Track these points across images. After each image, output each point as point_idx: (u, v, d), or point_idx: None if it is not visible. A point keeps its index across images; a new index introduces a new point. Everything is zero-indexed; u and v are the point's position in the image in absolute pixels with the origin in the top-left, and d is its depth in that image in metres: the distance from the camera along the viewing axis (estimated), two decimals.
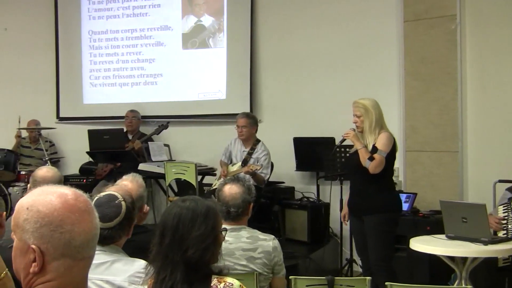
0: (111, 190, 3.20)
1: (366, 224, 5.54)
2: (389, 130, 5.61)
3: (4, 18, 9.74)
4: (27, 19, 9.73)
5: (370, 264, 5.53)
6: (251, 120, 7.65)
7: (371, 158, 5.42)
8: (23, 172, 8.66)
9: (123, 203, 3.08)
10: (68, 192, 1.77)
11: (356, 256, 6.49)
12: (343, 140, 5.85)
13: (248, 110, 8.39)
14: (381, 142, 5.47)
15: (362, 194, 5.61)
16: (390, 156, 5.54)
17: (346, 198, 5.96)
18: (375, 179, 5.49)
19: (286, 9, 8.69)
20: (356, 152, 5.58)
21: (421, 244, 5.05)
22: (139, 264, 2.99)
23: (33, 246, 1.68)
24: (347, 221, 5.93)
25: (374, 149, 5.46)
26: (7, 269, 2.19)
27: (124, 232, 3.10)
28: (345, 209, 5.89)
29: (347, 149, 6.57)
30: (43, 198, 1.74)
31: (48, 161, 8.23)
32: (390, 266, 5.47)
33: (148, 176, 7.43)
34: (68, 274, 1.72)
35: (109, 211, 3.03)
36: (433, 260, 5.62)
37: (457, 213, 5.04)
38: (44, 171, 4.73)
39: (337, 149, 6.88)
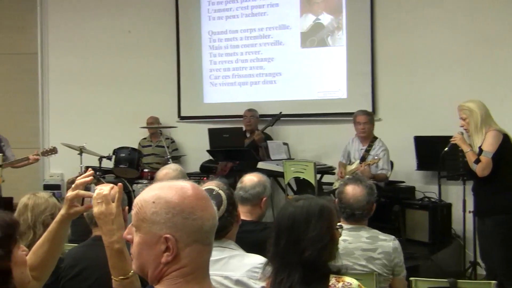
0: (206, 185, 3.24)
1: (486, 226, 5.42)
2: (500, 128, 5.43)
3: (127, 21, 10.09)
4: (149, 22, 10.04)
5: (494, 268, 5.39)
6: (370, 117, 7.75)
7: (477, 161, 5.30)
8: (146, 170, 8.96)
9: (220, 192, 3.13)
10: (186, 183, 1.88)
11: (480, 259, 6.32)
12: (451, 145, 5.76)
13: (369, 109, 8.38)
14: (487, 142, 5.37)
15: (479, 196, 5.52)
16: (505, 154, 5.36)
17: None
18: (488, 180, 5.40)
19: (406, 4, 8.62)
20: None
21: None
22: (256, 259, 3.06)
23: (168, 236, 1.77)
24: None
25: (481, 151, 5.33)
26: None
27: (234, 218, 3.16)
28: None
29: None
30: (166, 190, 1.84)
31: (170, 159, 8.44)
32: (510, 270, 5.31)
33: (267, 175, 7.51)
34: (199, 259, 1.84)
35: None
36: None
37: None
38: (164, 172, 4.83)
39: (454, 153, 6.71)
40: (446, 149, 6.16)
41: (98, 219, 2.40)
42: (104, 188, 2.42)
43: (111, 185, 2.47)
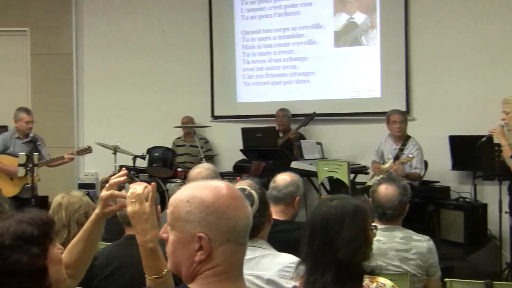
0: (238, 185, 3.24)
1: None
2: None
3: (161, 20, 10.14)
4: (183, 21, 10.07)
5: None
6: (405, 116, 7.77)
7: None
8: (179, 169, 9.00)
9: (252, 191, 3.13)
10: (221, 183, 1.91)
11: None
12: (490, 136, 5.67)
13: (404, 108, 8.36)
14: None
15: None
16: None
17: None
18: None
19: (441, 2, 8.54)
20: None
21: None
22: (287, 258, 3.06)
23: (201, 234, 1.80)
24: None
25: None
26: (167, 268, 2.30)
27: (266, 218, 3.16)
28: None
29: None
30: (201, 190, 1.87)
31: (203, 158, 8.47)
32: None
33: (301, 174, 7.50)
34: (232, 258, 1.86)
35: None
36: None
37: None
38: (197, 171, 4.85)
39: (493, 147, 6.64)
40: (484, 139, 6.07)
41: (132, 218, 2.42)
42: (137, 188, 2.44)
43: (145, 184, 2.49)
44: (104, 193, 2.51)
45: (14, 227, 1.99)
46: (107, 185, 2.53)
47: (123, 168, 2.70)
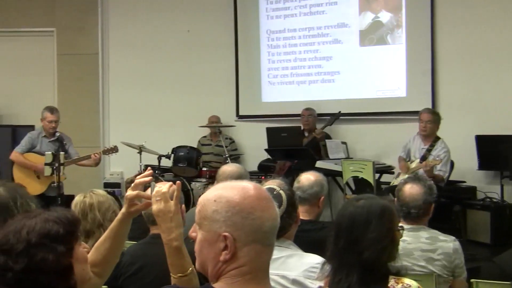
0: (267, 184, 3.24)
1: None
2: None
3: (186, 20, 10.17)
4: (208, 21, 10.09)
5: None
6: (435, 116, 7.61)
7: None
8: (204, 169, 9.02)
9: (281, 192, 3.13)
10: (249, 184, 1.92)
11: None
12: None
13: (430, 108, 8.22)
14: None
15: None
16: None
17: None
18: None
19: (468, 0, 8.43)
20: None
21: None
22: (313, 259, 3.05)
23: (226, 234, 1.82)
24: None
25: None
26: (193, 265, 2.31)
27: (293, 219, 3.16)
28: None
29: None
30: (229, 190, 1.89)
31: (228, 158, 8.48)
32: None
33: (326, 174, 7.50)
34: (257, 259, 1.86)
35: None
36: None
37: None
38: (227, 170, 4.86)
39: None
40: None
41: (157, 216, 2.42)
42: (163, 186, 2.45)
43: (170, 183, 2.50)
44: (129, 192, 2.52)
45: (40, 225, 2.01)
46: (132, 185, 2.54)
47: (149, 168, 2.71)
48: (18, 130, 9.71)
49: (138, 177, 2.58)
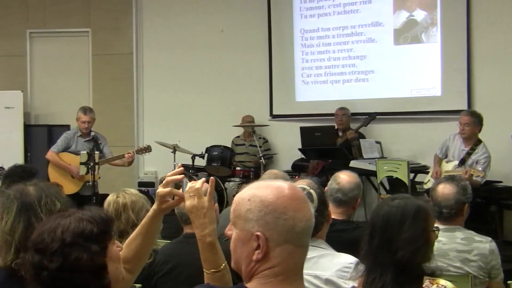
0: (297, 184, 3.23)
1: None
2: None
3: (220, 20, 10.19)
4: (241, 21, 10.11)
5: None
6: (475, 119, 7.39)
7: None
8: (238, 168, 9.03)
9: (311, 191, 3.12)
10: (283, 184, 1.91)
11: None
12: None
13: (465, 107, 8.22)
14: None
15: None
16: None
17: None
18: None
19: None
20: None
21: None
22: (346, 258, 3.04)
23: (258, 233, 1.82)
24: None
25: None
26: (225, 261, 2.31)
27: (325, 217, 3.15)
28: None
29: None
30: (263, 189, 1.89)
31: (262, 158, 8.47)
32: None
33: (360, 173, 7.47)
34: (290, 260, 1.85)
35: None
36: None
37: None
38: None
39: None
40: None
41: (191, 212, 2.43)
42: (196, 182, 2.45)
43: (203, 179, 2.50)
44: (161, 189, 2.53)
45: (75, 224, 2.03)
46: (164, 182, 2.55)
47: (179, 164, 2.72)
48: (54, 130, 9.85)
49: (168, 174, 2.59)
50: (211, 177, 2.55)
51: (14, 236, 2.47)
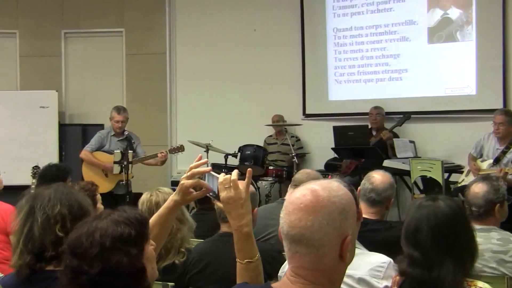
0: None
1: None
2: None
3: (253, 19, 10.20)
4: (274, 20, 10.11)
5: None
6: (510, 118, 7.35)
7: None
8: (271, 167, 9.03)
9: None
10: (315, 185, 1.97)
11: None
12: None
13: (500, 106, 8.13)
14: None
15: None
16: None
17: None
18: None
19: None
20: None
21: None
22: (379, 258, 3.03)
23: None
24: None
25: None
26: (258, 253, 2.33)
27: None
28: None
29: None
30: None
31: (295, 157, 8.46)
32: None
33: (393, 173, 7.43)
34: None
35: None
36: None
37: None
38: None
39: None
40: None
41: (227, 203, 2.42)
42: (232, 173, 2.45)
43: (236, 170, 2.50)
44: (187, 181, 2.54)
45: (112, 228, 2.03)
46: (188, 173, 2.56)
47: (200, 155, 2.72)
48: (88, 129, 9.95)
49: (191, 165, 2.59)
50: (249, 168, 2.55)
51: (20, 238, 2.59)
